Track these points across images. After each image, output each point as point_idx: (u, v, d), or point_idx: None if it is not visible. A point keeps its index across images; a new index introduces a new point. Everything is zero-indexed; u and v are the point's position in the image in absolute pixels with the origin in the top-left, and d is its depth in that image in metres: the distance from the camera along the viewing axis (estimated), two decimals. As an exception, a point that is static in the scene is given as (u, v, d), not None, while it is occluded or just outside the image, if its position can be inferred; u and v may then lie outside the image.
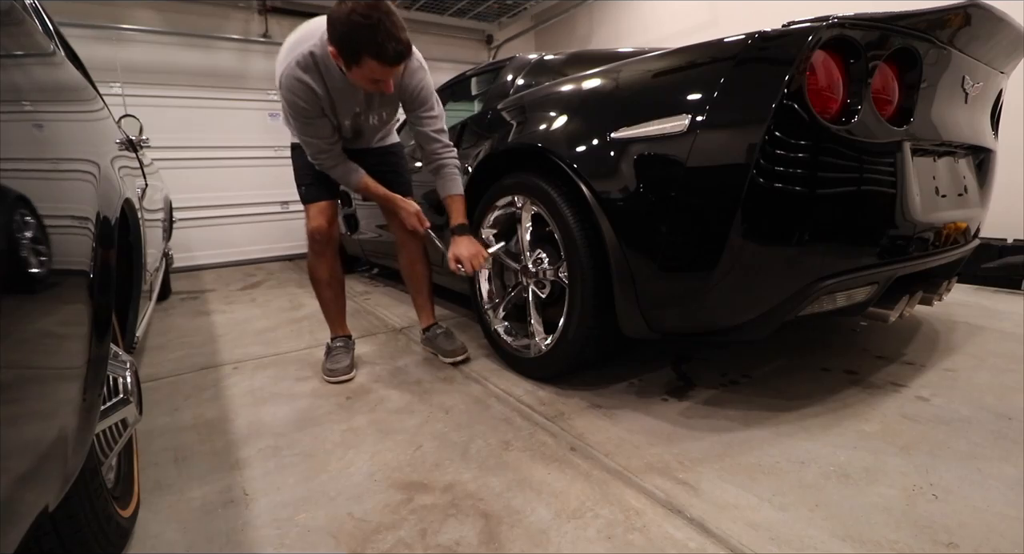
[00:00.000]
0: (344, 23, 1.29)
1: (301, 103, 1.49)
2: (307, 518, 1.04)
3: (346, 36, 1.31)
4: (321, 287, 1.86)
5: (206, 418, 1.51)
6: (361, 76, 1.40)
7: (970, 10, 1.27)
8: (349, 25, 1.29)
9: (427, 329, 1.98)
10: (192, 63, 4.34)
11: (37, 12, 1.05)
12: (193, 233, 4.43)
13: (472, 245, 1.64)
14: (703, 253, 1.18)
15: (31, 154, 0.59)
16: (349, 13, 1.28)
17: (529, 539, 0.95)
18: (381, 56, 1.32)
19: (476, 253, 1.63)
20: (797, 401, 1.43)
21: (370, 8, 1.28)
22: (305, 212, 1.79)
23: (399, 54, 1.34)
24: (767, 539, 0.92)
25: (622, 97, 1.40)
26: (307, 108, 1.50)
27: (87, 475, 0.73)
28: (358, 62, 1.35)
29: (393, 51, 1.32)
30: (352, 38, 1.31)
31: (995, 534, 0.90)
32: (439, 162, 1.69)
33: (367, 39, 1.30)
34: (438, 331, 1.95)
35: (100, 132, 1.10)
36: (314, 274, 1.84)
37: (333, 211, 1.80)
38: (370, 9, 1.28)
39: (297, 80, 1.46)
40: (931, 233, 1.36)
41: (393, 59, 1.34)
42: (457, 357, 1.86)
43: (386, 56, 1.32)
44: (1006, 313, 2.15)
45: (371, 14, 1.28)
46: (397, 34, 1.32)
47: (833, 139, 1.09)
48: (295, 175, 1.83)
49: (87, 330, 0.64)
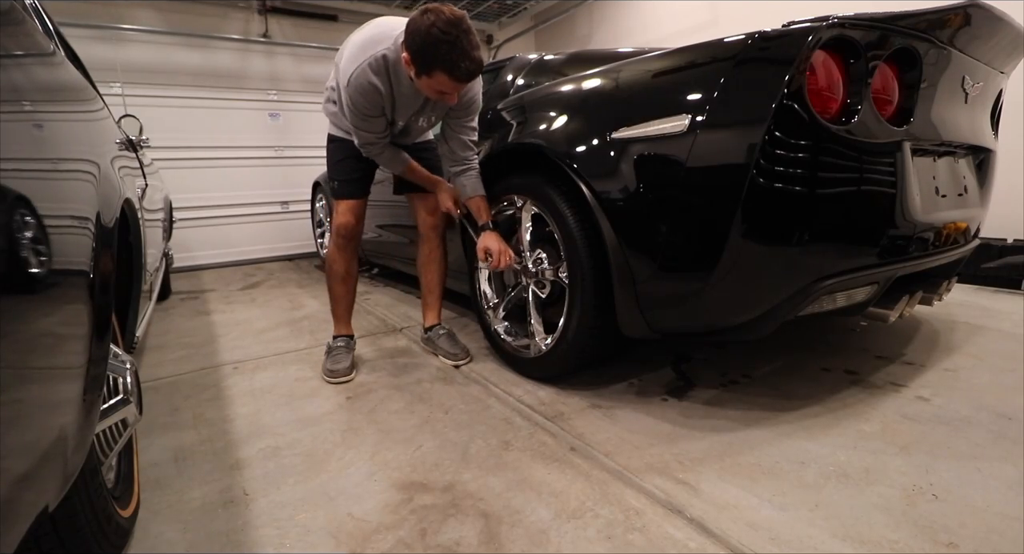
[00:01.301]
0: (424, 35, 1.31)
1: (365, 103, 1.52)
2: (307, 518, 1.04)
3: (423, 48, 1.33)
4: (336, 281, 1.88)
5: (206, 418, 1.51)
6: (429, 86, 1.43)
7: (970, 10, 1.27)
8: (428, 38, 1.31)
9: (430, 329, 1.99)
10: (192, 63, 4.34)
11: (37, 12, 1.05)
12: (193, 233, 4.43)
13: (501, 242, 1.67)
14: (703, 253, 1.18)
15: (31, 154, 0.58)
16: (430, 26, 1.30)
17: (529, 539, 0.95)
18: (454, 73, 1.35)
19: (505, 250, 1.66)
20: (797, 401, 1.43)
21: (450, 25, 1.31)
22: (335, 207, 1.82)
23: (471, 73, 1.37)
24: (767, 539, 0.92)
25: (622, 97, 1.40)
26: (369, 108, 1.54)
27: (87, 475, 0.72)
28: (430, 73, 1.37)
29: (466, 70, 1.35)
30: (428, 51, 1.33)
31: (995, 534, 0.90)
32: (469, 166, 1.74)
33: (443, 55, 1.32)
34: (441, 332, 1.95)
35: (100, 132, 1.10)
36: (332, 267, 1.86)
37: (362, 209, 1.83)
38: (450, 26, 1.30)
39: (368, 82, 1.48)
40: (931, 233, 1.36)
41: (464, 77, 1.37)
42: (460, 360, 1.86)
43: (458, 73, 1.35)
44: (1006, 313, 2.15)
45: (451, 31, 1.30)
46: (472, 53, 1.34)
47: (833, 139, 1.09)
48: (329, 169, 1.86)
49: (87, 330, 0.64)
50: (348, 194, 1.80)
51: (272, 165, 4.74)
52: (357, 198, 1.81)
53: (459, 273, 2.10)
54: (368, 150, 1.70)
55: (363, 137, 1.66)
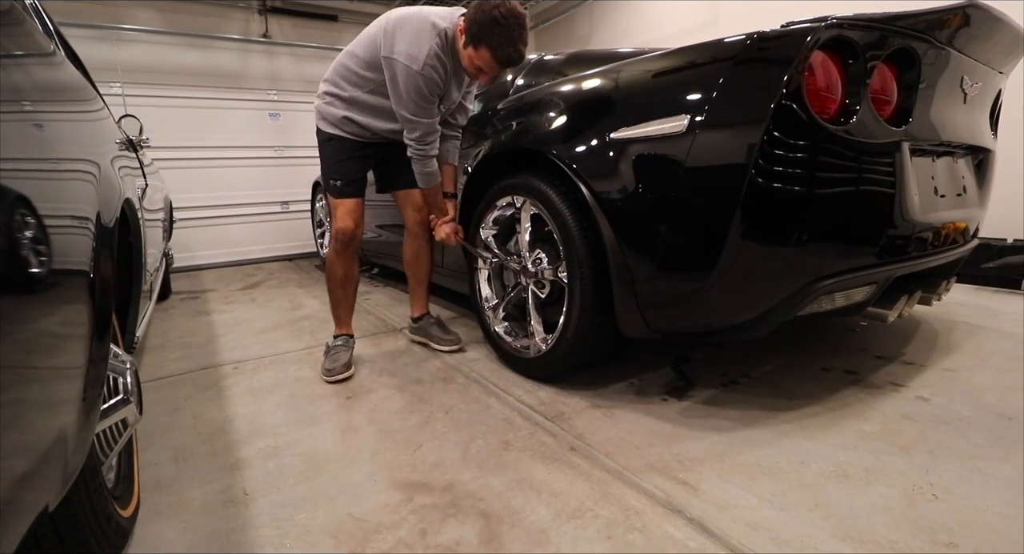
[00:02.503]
0: (488, 12, 1.46)
1: (437, 79, 1.58)
2: (307, 518, 1.04)
3: (480, 22, 1.47)
4: (337, 285, 1.88)
5: (206, 418, 1.51)
6: (470, 58, 1.54)
7: (969, 10, 1.27)
8: (490, 15, 1.45)
9: (418, 319, 2.04)
10: (192, 63, 4.34)
11: (37, 12, 1.05)
12: (193, 233, 4.43)
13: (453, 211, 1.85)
14: (702, 253, 1.18)
15: (31, 154, 0.59)
16: (495, 7, 1.45)
17: (529, 539, 0.95)
18: (497, 54, 1.49)
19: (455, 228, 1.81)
20: (797, 401, 1.43)
21: (511, 13, 1.46)
22: (333, 208, 1.81)
23: (511, 60, 1.51)
24: (767, 539, 0.92)
25: (621, 97, 1.40)
26: (439, 85, 1.60)
27: (87, 475, 0.72)
28: (476, 47, 1.50)
29: (507, 56, 1.49)
30: (484, 26, 1.46)
31: (995, 534, 0.90)
32: (455, 134, 1.87)
33: (495, 33, 1.46)
34: (431, 321, 2.00)
35: (100, 132, 1.10)
36: (332, 270, 1.86)
37: (361, 210, 1.83)
38: (511, 14, 1.46)
39: (438, 58, 1.55)
40: (930, 233, 1.36)
41: (505, 61, 1.50)
42: (453, 346, 1.91)
43: (500, 55, 1.49)
44: (1006, 313, 2.15)
45: (510, 17, 1.45)
46: (518, 44, 1.48)
47: (832, 139, 1.09)
48: (327, 168, 1.83)
49: (87, 330, 0.64)
50: (351, 193, 1.80)
51: (272, 165, 4.74)
52: (358, 197, 1.82)
53: (459, 273, 2.11)
54: (425, 149, 1.68)
55: (426, 126, 1.65)
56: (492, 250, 1.85)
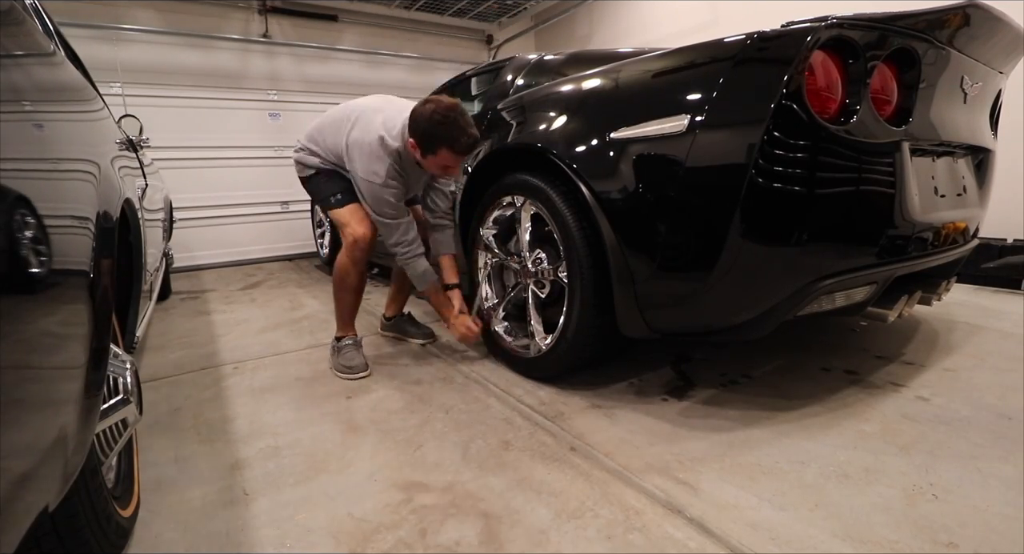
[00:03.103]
0: (427, 121, 1.54)
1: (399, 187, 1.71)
2: (307, 518, 1.04)
3: (427, 132, 1.55)
4: (348, 291, 1.87)
5: (206, 418, 1.51)
6: (435, 163, 1.62)
7: (969, 10, 1.27)
8: (431, 122, 1.53)
9: (391, 318, 2.18)
10: (192, 63, 4.34)
11: (37, 12, 1.05)
12: (193, 233, 4.43)
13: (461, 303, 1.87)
14: (702, 253, 1.18)
15: (31, 154, 0.59)
16: (432, 113, 1.53)
17: (529, 539, 0.95)
18: (455, 147, 1.55)
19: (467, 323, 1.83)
20: (797, 401, 1.43)
21: (449, 109, 1.54)
22: (343, 220, 1.80)
23: (470, 146, 1.58)
24: (767, 539, 0.92)
25: (621, 97, 1.40)
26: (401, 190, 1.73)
27: (87, 475, 0.72)
28: (435, 152, 1.58)
29: (466, 144, 1.56)
30: (432, 133, 1.55)
31: (995, 534, 0.90)
32: (445, 223, 1.95)
33: (446, 134, 1.53)
34: (403, 317, 2.15)
35: (100, 132, 1.10)
36: (345, 279, 1.84)
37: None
38: (449, 110, 1.53)
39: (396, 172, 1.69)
40: (930, 233, 1.36)
41: (465, 149, 1.58)
42: (427, 339, 2.07)
43: (460, 147, 1.56)
44: (1006, 313, 2.15)
45: (449, 114, 1.53)
46: (469, 130, 1.55)
47: (832, 139, 1.09)
48: (322, 192, 1.87)
49: (87, 330, 0.64)
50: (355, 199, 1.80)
51: (272, 165, 4.74)
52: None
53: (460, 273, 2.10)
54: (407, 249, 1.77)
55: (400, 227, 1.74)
56: (492, 250, 1.85)
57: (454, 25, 5.56)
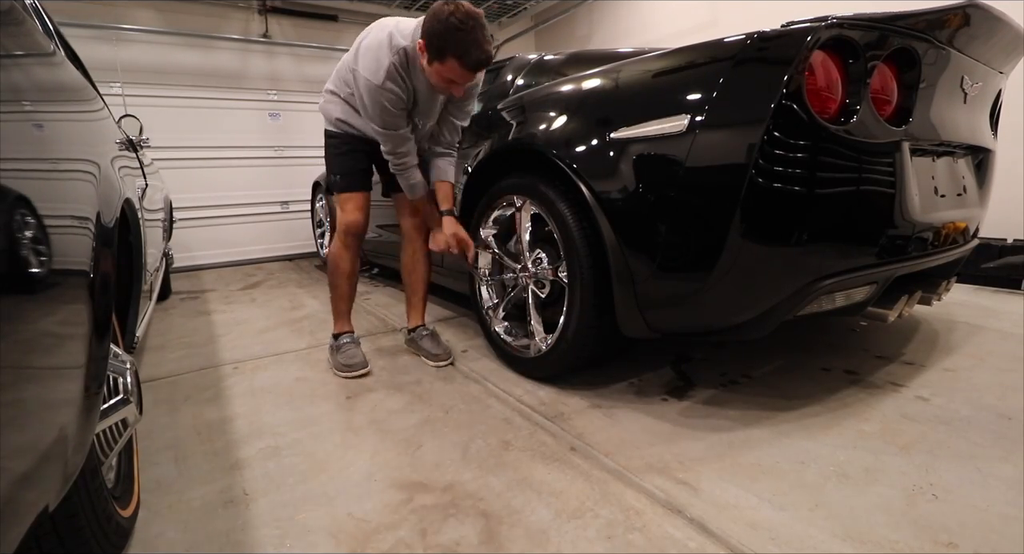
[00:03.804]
0: (442, 22, 1.39)
1: (399, 93, 1.55)
2: (307, 518, 1.04)
3: (439, 34, 1.40)
4: (342, 278, 1.86)
5: (206, 418, 1.51)
6: (439, 73, 1.48)
7: (969, 10, 1.27)
8: (445, 25, 1.38)
9: (413, 330, 2.01)
10: (192, 63, 4.34)
11: (37, 12, 1.05)
12: (193, 233, 4.43)
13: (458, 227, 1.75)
14: (702, 253, 1.18)
15: (31, 154, 0.59)
16: (449, 15, 1.38)
17: (529, 539, 0.95)
18: (464, 60, 1.42)
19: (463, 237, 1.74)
20: (797, 401, 1.43)
21: (468, 16, 1.39)
22: (339, 204, 1.80)
23: (480, 62, 1.44)
24: (767, 539, 0.92)
25: (621, 97, 1.40)
26: (402, 99, 1.57)
27: (87, 475, 0.72)
28: (442, 60, 1.43)
29: (476, 59, 1.42)
30: (445, 37, 1.40)
31: (995, 534, 0.90)
32: (448, 151, 1.82)
33: (458, 42, 1.39)
34: (424, 333, 1.96)
35: (100, 132, 1.10)
36: (338, 265, 1.84)
37: (368, 204, 1.83)
38: (468, 17, 1.39)
39: (397, 73, 1.53)
40: (930, 233, 1.36)
41: (474, 66, 1.44)
42: (442, 361, 1.86)
43: (469, 61, 1.42)
44: (1006, 313, 2.15)
45: (467, 21, 1.39)
46: (483, 44, 1.41)
47: (832, 139, 1.09)
48: (330, 164, 1.85)
49: (87, 330, 0.64)
50: (356, 186, 1.79)
51: (272, 165, 4.74)
52: (365, 191, 1.81)
53: (459, 273, 2.11)
54: (402, 161, 1.69)
55: (397, 139, 1.65)
56: (492, 250, 1.85)
57: (454, 25, 5.56)
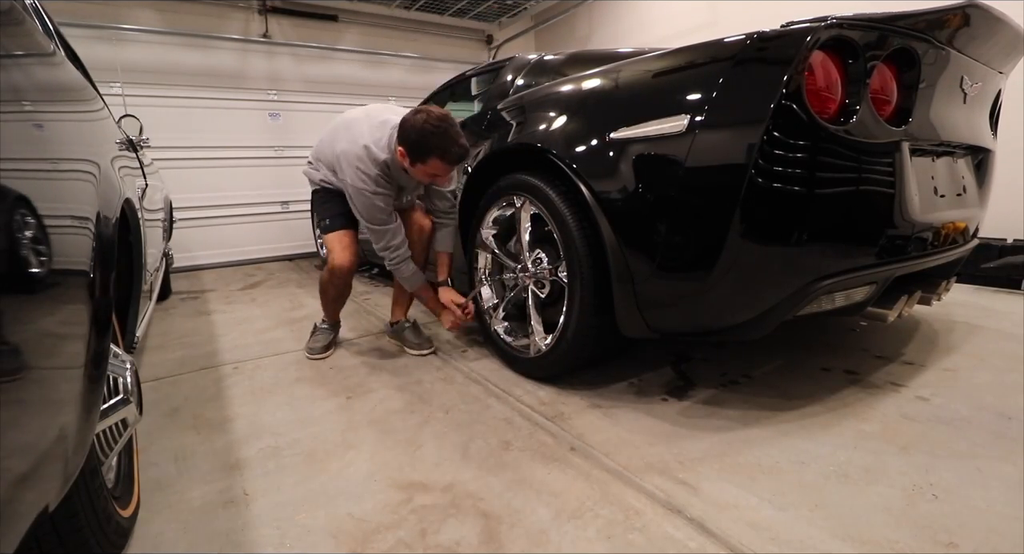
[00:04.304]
0: (418, 130, 1.56)
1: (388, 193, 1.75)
2: (307, 518, 1.04)
3: (418, 141, 1.58)
4: (328, 299, 2.06)
5: (206, 418, 1.51)
6: (424, 172, 1.66)
7: (969, 10, 1.27)
8: (421, 132, 1.56)
9: (395, 323, 2.13)
10: (192, 63, 4.34)
11: (37, 12, 1.05)
12: (193, 233, 4.42)
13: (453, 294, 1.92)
14: (702, 253, 1.18)
15: (31, 154, 0.59)
16: (423, 123, 1.56)
17: (529, 539, 0.95)
18: (446, 157, 1.59)
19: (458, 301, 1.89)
20: (797, 401, 1.43)
21: (439, 119, 1.56)
22: (328, 244, 1.94)
23: (460, 156, 1.61)
24: (767, 539, 0.92)
25: (621, 97, 1.40)
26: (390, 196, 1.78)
27: (87, 475, 0.73)
28: (424, 161, 1.61)
29: (456, 154, 1.59)
30: (423, 142, 1.57)
31: (995, 534, 0.90)
32: (445, 222, 2.01)
33: (436, 143, 1.56)
34: (406, 325, 2.08)
35: (100, 132, 1.10)
36: (328, 292, 2.02)
37: (355, 241, 1.96)
38: (440, 120, 1.56)
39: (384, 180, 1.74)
40: (930, 233, 1.36)
41: (455, 159, 1.61)
42: (424, 350, 1.98)
43: (449, 157, 1.59)
44: (1006, 313, 2.15)
45: (440, 124, 1.56)
46: (459, 140, 1.58)
47: (831, 139, 1.09)
48: (318, 213, 2.03)
49: (87, 330, 0.64)
50: (340, 224, 1.93)
51: (272, 165, 4.74)
52: (350, 229, 1.93)
53: (459, 273, 2.11)
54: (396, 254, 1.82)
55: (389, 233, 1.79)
56: (492, 250, 1.85)
57: (454, 25, 5.56)
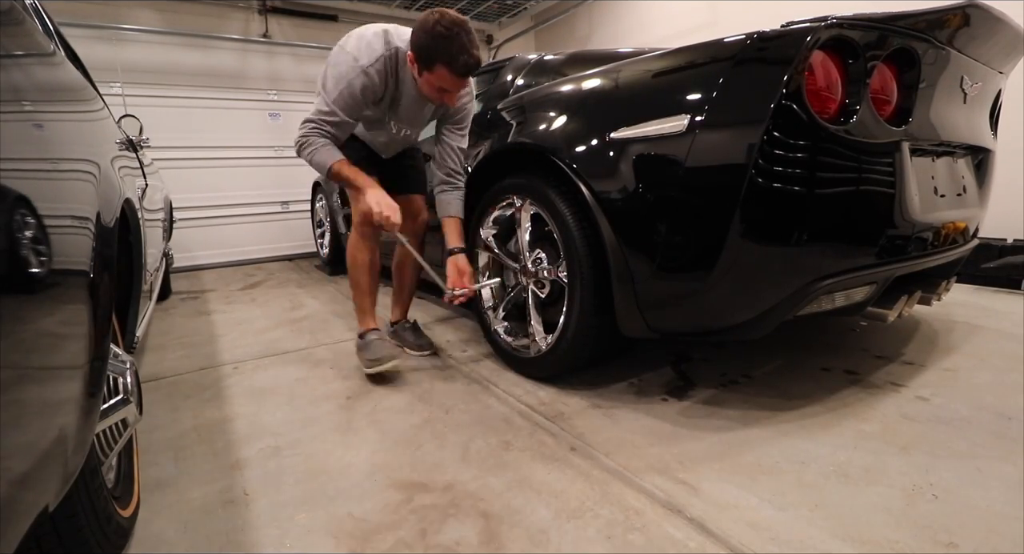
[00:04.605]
0: (427, 32, 1.41)
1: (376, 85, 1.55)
2: (307, 518, 1.04)
3: (426, 44, 1.43)
4: (362, 272, 1.80)
5: (206, 418, 1.51)
6: (430, 83, 1.50)
7: (969, 10, 1.27)
8: (431, 34, 1.41)
9: (396, 323, 2.08)
10: (192, 63, 4.34)
11: (37, 12, 1.05)
12: (193, 233, 4.43)
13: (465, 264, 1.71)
14: (702, 253, 1.18)
15: (31, 154, 0.59)
16: (435, 24, 1.40)
17: (529, 539, 0.95)
18: (453, 66, 1.43)
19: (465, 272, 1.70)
20: (797, 401, 1.43)
21: (453, 23, 1.41)
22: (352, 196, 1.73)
23: (469, 67, 1.45)
24: (767, 539, 0.92)
25: (621, 97, 1.40)
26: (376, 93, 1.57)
27: (87, 475, 0.73)
28: (431, 68, 1.46)
29: (464, 64, 1.43)
30: (432, 45, 1.42)
31: (995, 534, 0.90)
32: (455, 182, 1.80)
33: (445, 49, 1.41)
34: (406, 326, 2.04)
35: (100, 132, 1.10)
36: (357, 257, 1.78)
37: None
38: (453, 23, 1.41)
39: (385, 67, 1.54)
40: (930, 233, 1.36)
41: (463, 71, 1.45)
42: (424, 351, 1.94)
43: (457, 67, 1.43)
44: (1006, 313, 2.15)
45: (453, 27, 1.40)
46: (471, 49, 1.43)
47: (831, 139, 1.09)
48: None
49: (87, 330, 0.64)
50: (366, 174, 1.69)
51: (272, 165, 4.74)
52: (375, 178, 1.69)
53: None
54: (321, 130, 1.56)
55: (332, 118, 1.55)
56: (492, 250, 1.85)
57: (454, 25, 5.56)
